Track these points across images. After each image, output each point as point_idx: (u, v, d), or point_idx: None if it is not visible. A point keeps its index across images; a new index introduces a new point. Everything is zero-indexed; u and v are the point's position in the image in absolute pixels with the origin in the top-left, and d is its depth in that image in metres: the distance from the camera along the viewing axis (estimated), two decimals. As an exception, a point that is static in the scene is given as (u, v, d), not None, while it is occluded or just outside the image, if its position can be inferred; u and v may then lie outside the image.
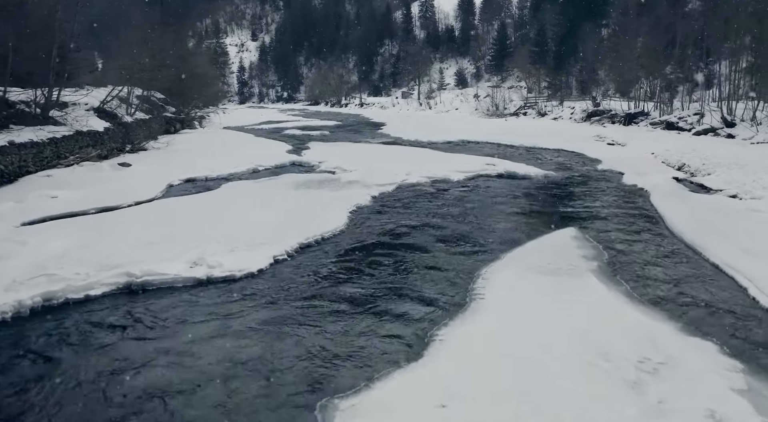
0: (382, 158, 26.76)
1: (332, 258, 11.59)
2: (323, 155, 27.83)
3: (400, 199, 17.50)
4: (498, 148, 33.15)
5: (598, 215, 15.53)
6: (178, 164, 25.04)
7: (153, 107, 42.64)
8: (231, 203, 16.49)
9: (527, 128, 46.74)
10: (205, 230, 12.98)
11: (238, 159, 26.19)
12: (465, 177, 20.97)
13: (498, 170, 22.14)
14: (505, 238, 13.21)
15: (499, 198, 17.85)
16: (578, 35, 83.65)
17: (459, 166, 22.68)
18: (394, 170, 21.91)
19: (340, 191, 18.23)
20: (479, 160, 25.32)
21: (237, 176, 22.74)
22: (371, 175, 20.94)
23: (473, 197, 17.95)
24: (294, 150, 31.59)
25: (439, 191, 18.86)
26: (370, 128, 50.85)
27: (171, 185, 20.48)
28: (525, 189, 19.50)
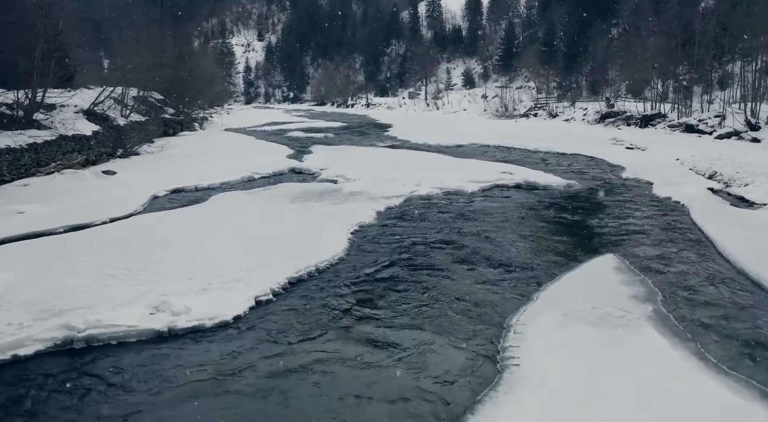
0: (389, 164, 24.64)
1: (326, 298, 9.42)
2: (325, 161, 25.73)
3: (409, 216, 15.33)
4: (511, 152, 30.98)
5: (637, 236, 13.36)
6: (169, 171, 23.01)
7: (151, 108, 40.62)
8: (215, 222, 14.35)
9: (539, 130, 44.50)
10: (178, 259, 10.87)
11: (234, 165, 24.14)
12: (480, 188, 18.80)
13: (516, 180, 19.95)
14: (533, 265, 11.08)
15: (521, 214, 15.68)
16: (588, 35, 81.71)
17: (473, 175, 20.51)
18: (401, 179, 19.80)
19: (342, 205, 16.11)
20: (494, 167, 23.14)
21: (230, 185, 20.68)
22: (377, 185, 18.83)
23: (491, 212, 15.78)
24: (295, 155, 29.50)
25: (453, 205, 16.68)
26: (377, 130, 48.72)
27: (155, 196, 18.41)
28: (548, 202, 17.34)
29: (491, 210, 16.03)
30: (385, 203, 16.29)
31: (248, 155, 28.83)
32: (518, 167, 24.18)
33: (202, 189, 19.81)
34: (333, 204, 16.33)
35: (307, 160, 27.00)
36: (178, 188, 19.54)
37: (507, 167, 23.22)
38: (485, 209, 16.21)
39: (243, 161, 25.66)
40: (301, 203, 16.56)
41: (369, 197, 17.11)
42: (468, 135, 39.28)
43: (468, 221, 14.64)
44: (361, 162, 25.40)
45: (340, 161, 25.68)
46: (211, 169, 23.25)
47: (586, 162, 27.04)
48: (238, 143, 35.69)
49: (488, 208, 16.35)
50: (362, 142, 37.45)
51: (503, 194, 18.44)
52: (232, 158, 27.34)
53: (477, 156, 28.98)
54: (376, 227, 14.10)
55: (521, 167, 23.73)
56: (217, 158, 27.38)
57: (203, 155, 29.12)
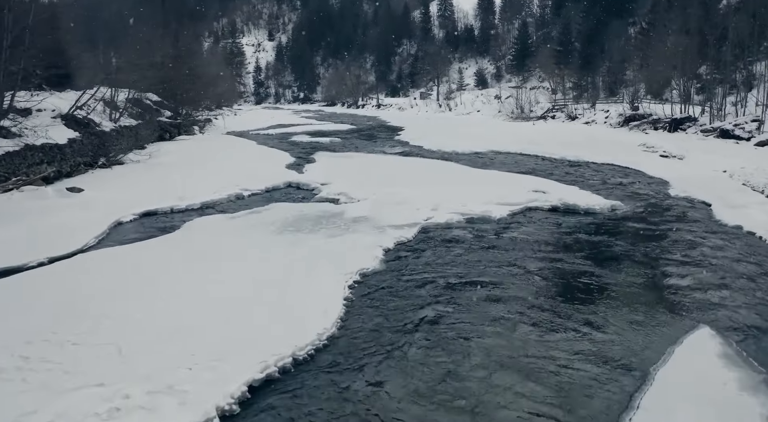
0: (400, 177, 21.26)
1: (300, 416, 6.12)
2: (328, 173, 22.38)
3: (424, 256, 11.89)
4: (535, 162, 27.48)
5: (725, 291, 9.87)
6: (148, 186, 19.73)
7: (145, 110, 37.44)
8: (172, 268, 10.91)
9: (560, 134, 40.89)
10: (99, 340, 7.52)
11: (224, 178, 20.87)
12: (509, 212, 15.34)
13: (550, 201, 16.46)
14: (604, 349, 7.68)
15: (565, 253, 12.26)
16: (604, 34, 78.44)
17: (499, 193, 17.04)
18: (414, 199, 16.39)
19: (341, 239, 12.73)
20: (521, 182, 19.67)
21: (213, 205, 17.36)
22: (385, 208, 15.44)
23: (529, 251, 12.32)
24: (295, 164, 26.17)
25: (479, 238, 13.24)
26: (387, 134, 45.28)
27: (119, 223, 15.11)
28: (594, 233, 13.89)
29: (528, 247, 12.56)
30: (395, 236, 12.89)
31: (243, 164, 25.54)
32: (548, 181, 20.75)
33: (179, 211, 16.51)
34: (330, 236, 12.94)
35: (308, 171, 23.65)
36: (149, 211, 16.21)
37: (536, 183, 19.78)
38: (520, 244, 12.74)
39: (235, 173, 22.40)
40: (291, 234, 13.18)
41: (375, 226, 13.73)
42: (485, 140, 35.81)
43: (501, 267, 11.19)
44: (368, 175, 22.06)
45: (345, 173, 22.35)
46: (196, 183, 19.97)
47: (621, 174, 23.53)
48: (236, 149, 32.38)
49: (524, 243, 12.86)
50: (371, 148, 34.07)
51: (538, 220, 15.00)
52: (224, 168, 24.09)
53: (498, 166, 25.53)
54: (383, 276, 10.65)
55: (552, 182, 20.28)
56: (207, 168, 24.13)
57: (194, 164, 25.85)
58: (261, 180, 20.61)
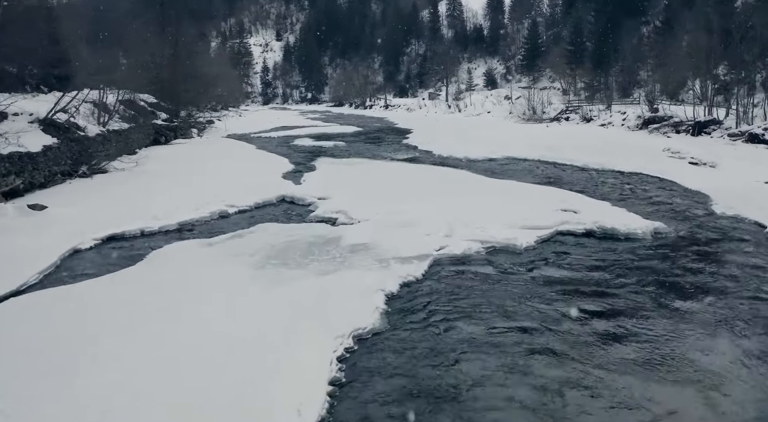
0: (407, 189, 18.71)
1: None
2: (327, 184, 19.87)
3: (438, 305, 9.26)
4: (557, 170, 24.87)
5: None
6: (123, 201, 17.23)
7: (139, 113, 35.05)
8: (115, 324, 8.28)
9: (577, 138, 38.20)
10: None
11: (210, 190, 18.38)
12: (537, 239, 12.73)
13: (584, 223, 13.83)
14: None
15: (613, 298, 9.67)
16: (617, 33, 75.87)
17: (522, 213, 14.44)
18: (424, 221, 13.82)
19: (334, 277, 10.16)
20: (546, 197, 17.04)
21: (192, 225, 14.89)
22: (390, 233, 12.88)
23: (568, 294, 9.79)
24: (293, 173, 23.67)
25: (504, 277, 10.62)
26: (395, 137, 42.70)
27: (76, 250, 12.63)
28: (642, 267, 11.26)
29: (567, 291, 9.96)
30: (401, 274, 10.33)
31: (236, 173, 23.05)
32: (574, 195, 18.17)
33: (150, 234, 14.03)
34: (321, 273, 10.39)
35: (306, 181, 21.13)
36: (114, 235, 13.70)
37: (563, 197, 17.22)
38: (557, 286, 10.12)
39: (225, 184, 19.94)
40: (273, 269, 10.66)
41: (376, 258, 11.18)
42: (498, 144, 33.22)
43: (535, 320, 8.61)
44: (371, 186, 19.52)
45: (346, 184, 19.84)
46: (178, 197, 17.49)
47: (654, 186, 20.90)
48: (231, 155, 29.88)
49: (561, 285, 10.22)
50: (377, 153, 31.54)
51: (572, 250, 12.39)
52: (214, 178, 21.62)
53: (516, 175, 22.95)
54: (385, 341, 7.98)
55: (579, 197, 17.69)
56: (195, 178, 21.66)
57: (182, 172, 23.42)
58: (252, 193, 18.10)
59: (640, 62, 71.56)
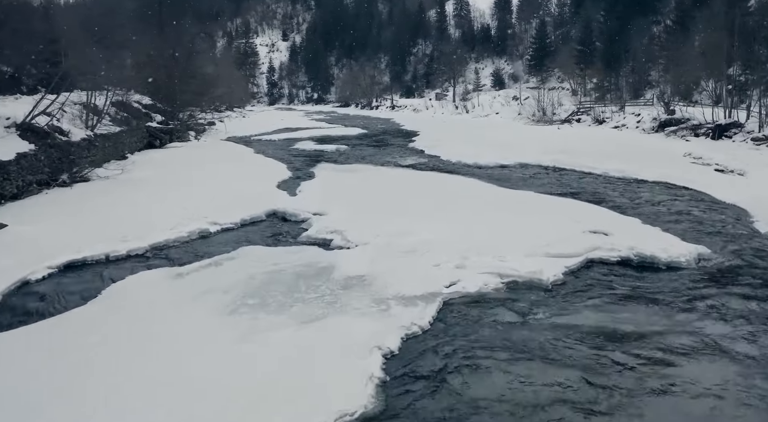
0: (413, 202, 16.65)
1: None
2: (324, 196, 17.87)
3: (449, 363, 7.21)
4: (575, 178, 22.77)
5: None
6: (94, 217, 15.25)
7: (133, 115, 33.15)
8: (39, 388, 6.39)
9: (591, 141, 36.05)
10: None
11: (195, 204, 16.45)
12: (565, 270, 10.66)
13: (618, 249, 11.69)
14: None
15: (663, 347, 7.66)
16: (627, 33, 73.76)
17: (545, 238, 12.30)
18: (431, 245, 11.77)
19: (320, 327, 8.09)
20: (571, 213, 14.90)
21: (166, 247, 12.93)
22: (392, 263, 10.83)
23: (603, 340, 7.79)
24: (289, 181, 21.70)
25: (529, 321, 8.52)
26: (400, 140, 40.64)
27: (25, 281, 10.69)
28: (690, 305, 9.21)
29: (608, 340, 7.90)
30: (403, 322, 8.27)
31: (227, 181, 21.07)
32: (599, 209, 16.11)
33: (116, 260, 12.05)
34: (305, 321, 8.35)
35: (302, 192, 19.12)
36: (74, 261, 11.71)
37: (587, 213, 15.17)
38: (595, 337, 8.05)
39: (213, 194, 17.99)
40: (248, 314, 8.64)
41: (374, 298, 9.17)
42: (509, 149, 31.16)
43: (577, 390, 6.67)
44: (373, 198, 17.50)
45: (345, 196, 17.83)
46: (157, 212, 15.54)
47: (684, 198, 18.78)
48: (227, 160, 27.89)
49: (599, 333, 8.12)
50: (381, 158, 29.51)
51: (607, 284, 10.30)
52: (203, 187, 19.68)
53: (532, 184, 20.88)
54: (383, 413, 6.13)
55: (607, 213, 15.61)
56: (182, 188, 19.72)
57: (170, 180, 21.49)
58: (240, 207, 16.12)
59: (651, 62, 69.56)
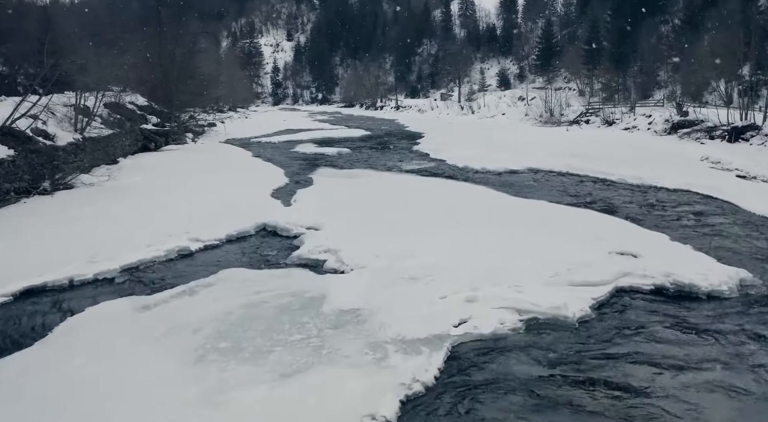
0: (417, 217, 15.08)
1: None
2: (321, 207, 16.35)
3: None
4: (589, 184, 21.18)
5: None
6: (66, 232, 13.77)
7: (127, 117, 31.72)
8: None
9: (602, 144, 34.42)
10: None
11: (179, 216, 14.99)
12: (592, 303, 9.03)
13: (651, 275, 10.06)
14: None
15: (716, 403, 6.20)
16: (635, 32, 72.18)
17: (566, 261, 10.64)
18: (437, 270, 10.25)
19: (302, 381, 6.58)
20: (593, 231, 13.29)
21: (139, 268, 11.44)
22: (390, 292, 9.32)
23: (646, 397, 6.30)
24: (285, 189, 20.21)
25: (555, 370, 6.96)
26: (405, 142, 39.11)
27: (-34, 314, 9.28)
28: (742, 349, 7.78)
29: (650, 396, 6.46)
30: (403, 378, 6.69)
31: (218, 188, 19.59)
32: (622, 223, 14.56)
33: (81, 284, 10.56)
34: (284, 374, 6.79)
35: (297, 201, 17.61)
36: (33, 288, 10.24)
37: (610, 228, 13.61)
38: (639, 394, 6.60)
39: (201, 204, 16.52)
40: (216, 364, 7.10)
41: (369, 342, 7.61)
42: (517, 152, 29.62)
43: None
44: (373, 209, 15.98)
45: (343, 207, 16.31)
46: (137, 226, 14.08)
47: (711, 210, 17.14)
48: (222, 164, 26.44)
49: (643, 390, 6.71)
50: (383, 162, 27.98)
51: (642, 320, 8.71)
52: (192, 195, 18.22)
53: (545, 192, 19.31)
54: None
55: (630, 227, 14.08)
56: (170, 196, 18.25)
57: (158, 187, 20.02)
58: (228, 219, 14.63)
59: (659, 62, 68.06)
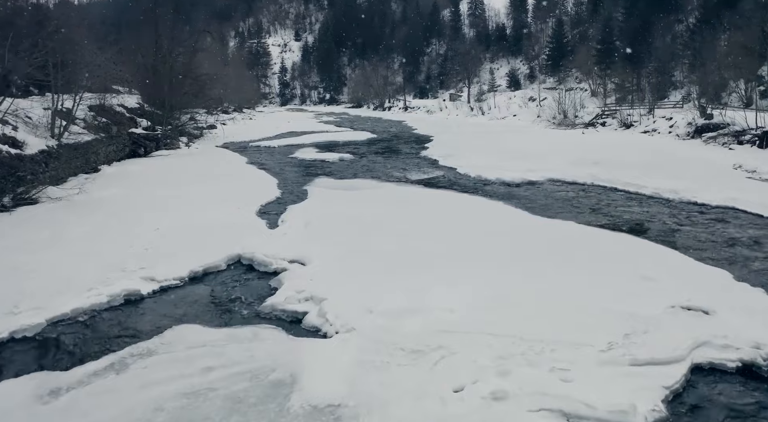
0: (425, 248, 12.43)
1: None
2: (309, 232, 13.68)
3: None
4: (618, 199, 18.44)
5: None
6: (9, 264, 11.27)
7: (114, 120, 29.22)
8: None
9: (624, 149, 31.50)
10: None
11: (140, 244, 12.43)
12: (665, 393, 6.27)
13: (734, 346, 7.23)
14: None
15: None
16: (649, 31, 69.40)
17: (617, 323, 7.87)
18: (452, 348, 7.64)
19: None
20: (641, 269, 10.66)
21: (72, 321, 8.87)
22: (386, 378, 6.69)
23: None
24: (273, 205, 17.59)
25: None
26: (412, 147, 36.44)
27: None
28: None
29: None
30: None
31: (201, 202, 17.05)
32: (674, 255, 11.88)
33: (19, 338, 8.08)
34: None
35: (284, 222, 14.97)
36: None
37: (661, 264, 10.91)
38: None
39: (172, 226, 13.97)
40: None
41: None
42: (534, 158, 26.92)
43: None
44: (371, 234, 13.34)
45: (336, 231, 13.67)
46: (88, 258, 11.53)
47: (763, 233, 14.51)
48: (211, 173, 23.86)
49: None
50: (389, 170, 25.37)
51: (732, 415, 6.25)
52: (168, 212, 15.70)
53: (572, 209, 16.59)
54: None
55: (684, 261, 11.37)
56: (143, 215, 15.68)
57: (133, 203, 17.45)
58: (197, 248, 12.04)
59: (674, 62, 65.35)
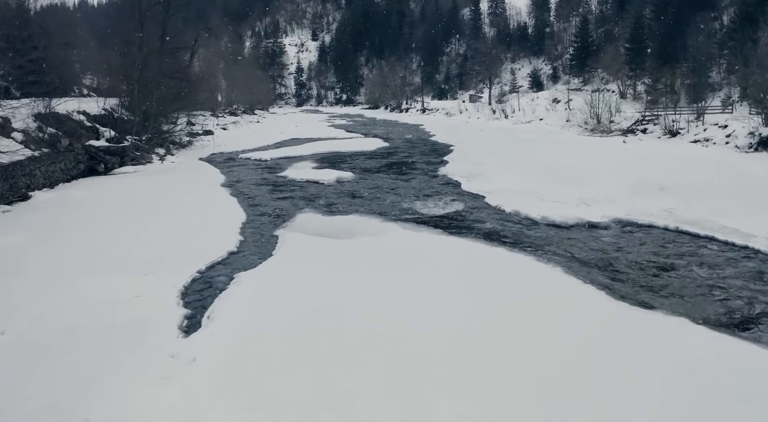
0: (439, 392, 6.55)
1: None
2: (249, 339, 7.74)
3: None
4: (729, 262, 12.28)
5: None
6: None
7: (68, 132, 23.53)
8: None
9: (683, 166, 24.58)
10: None
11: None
12: None
13: None
14: None
15: None
16: (682, 30, 63.23)
17: None
18: None
19: None
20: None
21: None
22: None
23: None
24: (218, 269, 11.59)
25: None
26: (429, 161, 30.19)
27: None
28: None
29: None
30: None
31: (108, 266, 11.14)
32: None
33: None
34: None
35: (213, 320, 8.95)
36: None
37: None
38: None
39: (19, 330, 8.10)
40: None
41: None
42: (581, 181, 20.70)
43: None
44: (350, 350, 7.36)
45: (294, 336, 7.69)
46: None
47: None
48: (167, 203, 17.95)
49: None
50: (396, 198, 19.33)
51: None
52: (29, 298, 9.84)
53: (669, 283, 10.47)
54: None
55: None
56: (14, 295, 9.89)
57: (23, 265, 11.66)
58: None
59: (710, 62, 59.14)
